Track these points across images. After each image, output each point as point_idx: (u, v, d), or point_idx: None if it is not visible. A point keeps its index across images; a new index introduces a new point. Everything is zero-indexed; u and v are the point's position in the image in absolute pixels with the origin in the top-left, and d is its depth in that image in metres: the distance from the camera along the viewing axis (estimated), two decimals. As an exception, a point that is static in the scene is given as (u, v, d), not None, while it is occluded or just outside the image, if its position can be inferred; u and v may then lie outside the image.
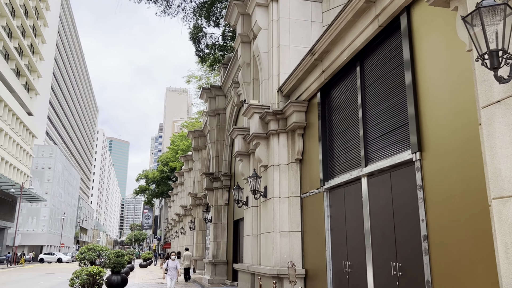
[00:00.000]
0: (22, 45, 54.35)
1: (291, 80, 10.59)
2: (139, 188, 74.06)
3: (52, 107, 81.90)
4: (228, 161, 20.73)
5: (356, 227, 7.77)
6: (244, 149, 13.53)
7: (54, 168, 71.51)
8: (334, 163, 9.06)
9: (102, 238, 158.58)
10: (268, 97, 11.76)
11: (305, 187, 10.31)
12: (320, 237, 9.24)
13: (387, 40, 7.22)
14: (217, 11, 25.45)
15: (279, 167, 10.91)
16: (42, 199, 60.74)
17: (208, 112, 22.05)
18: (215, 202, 20.86)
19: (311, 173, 9.98)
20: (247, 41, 14.45)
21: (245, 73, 14.36)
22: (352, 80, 8.43)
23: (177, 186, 45.84)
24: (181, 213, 38.33)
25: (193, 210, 29.03)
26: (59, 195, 77.13)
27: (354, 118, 8.27)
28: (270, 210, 10.84)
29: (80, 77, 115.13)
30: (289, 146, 10.91)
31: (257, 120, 11.43)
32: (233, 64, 18.87)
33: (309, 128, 10.34)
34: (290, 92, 11.07)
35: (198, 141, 28.74)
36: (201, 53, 25.73)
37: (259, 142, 11.41)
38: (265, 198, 11.30)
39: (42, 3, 62.58)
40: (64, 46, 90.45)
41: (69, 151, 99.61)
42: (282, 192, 10.73)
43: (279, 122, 11.07)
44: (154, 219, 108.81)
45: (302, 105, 10.40)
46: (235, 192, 13.54)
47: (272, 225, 10.63)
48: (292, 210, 10.49)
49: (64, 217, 79.19)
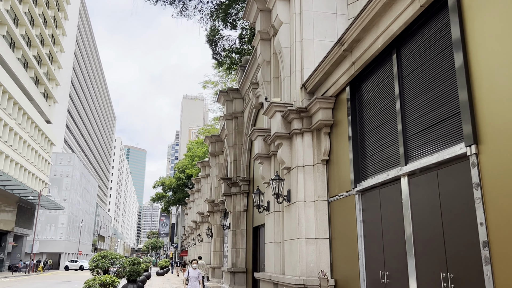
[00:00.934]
0: (41, 53, 54.90)
1: (316, 74, 9.85)
2: (156, 195, 74.00)
3: (70, 115, 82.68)
4: (246, 166, 20.02)
5: (395, 233, 6.94)
6: (264, 151, 12.81)
7: (72, 175, 71.90)
8: (366, 163, 8.26)
9: (119, 245, 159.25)
10: (290, 94, 11.03)
11: (333, 190, 9.52)
12: (351, 244, 8.42)
13: (430, 21, 6.43)
14: (234, 13, 24.93)
15: (304, 168, 10.14)
16: (60, 207, 60.94)
17: (225, 116, 21.43)
18: (233, 208, 20.15)
19: (340, 174, 9.18)
20: (267, 38, 13.79)
21: (265, 72, 13.68)
22: (387, 70, 7.64)
23: (194, 193, 45.31)
24: (198, 220, 37.73)
25: (210, 216, 28.36)
26: (77, 202, 77.50)
27: (390, 112, 7.47)
28: (294, 215, 10.06)
29: (98, 85, 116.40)
30: (315, 146, 10.14)
31: (279, 119, 10.71)
32: (251, 65, 18.22)
33: (337, 126, 9.56)
34: (315, 88, 10.32)
35: (215, 146, 28.15)
36: (218, 56, 25.19)
37: (282, 143, 10.67)
38: (288, 202, 10.53)
39: (61, 13, 63.30)
40: (82, 55, 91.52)
41: (87, 159, 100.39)
42: (308, 195, 9.95)
43: (303, 120, 10.32)
44: (171, 226, 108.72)
45: (329, 101, 9.64)
46: (256, 197, 12.80)
47: (297, 231, 9.84)
48: (319, 215, 9.70)
49: (82, 225, 79.50)
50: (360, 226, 8.16)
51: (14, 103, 47.05)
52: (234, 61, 25.81)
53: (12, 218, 50.62)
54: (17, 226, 52.20)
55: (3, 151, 43.92)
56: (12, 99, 46.19)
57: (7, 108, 45.17)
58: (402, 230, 6.72)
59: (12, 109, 46.45)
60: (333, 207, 9.46)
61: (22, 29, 48.12)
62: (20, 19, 47.45)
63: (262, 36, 13.72)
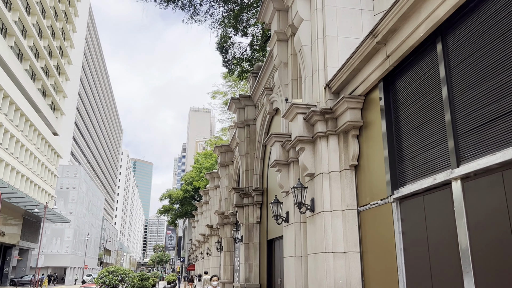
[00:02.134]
0: (48, 65, 54.79)
1: (343, 72, 9.04)
2: (163, 208, 73.14)
3: (77, 128, 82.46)
4: (259, 175, 19.16)
5: (447, 245, 6.02)
6: (282, 157, 11.96)
7: (78, 188, 71.30)
8: (405, 167, 7.38)
9: (125, 259, 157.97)
10: (313, 95, 10.22)
11: (364, 198, 8.62)
12: (388, 258, 7.50)
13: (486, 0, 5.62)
14: (245, 20, 24.34)
15: (330, 175, 9.27)
16: (66, 220, 60.23)
17: (237, 124, 20.66)
18: (246, 220, 19.23)
19: (372, 181, 8.30)
20: (284, 39, 13.05)
21: (282, 74, 12.90)
22: (431, 61, 6.81)
23: (202, 205, 44.37)
24: (206, 233, 36.74)
25: (220, 229, 27.40)
26: (83, 215, 76.76)
27: (436, 107, 6.62)
28: (319, 226, 9.16)
29: (105, 98, 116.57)
30: (341, 151, 9.28)
31: (301, 121, 9.88)
32: (264, 70, 17.49)
33: (367, 127, 8.71)
34: (341, 87, 9.50)
35: (225, 156, 27.34)
36: (228, 64, 24.54)
37: (304, 147, 9.83)
38: (312, 212, 9.64)
39: (69, 25, 63.44)
40: (89, 67, 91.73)
41: (93, 171, 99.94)
42: (335, 205, 9.06)
43: (328, 122, 9.48)
44: (177, 240, 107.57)
45: (358, 100, 8.80)
46: (274, 207, 11.91)
47: (323, 244, 8.93)
48: (348, 226, 8.79)
49: (88, 238, 78.63)
50: (399, 238, 7.25)
51: (21, 114, 46.71)
52: (245, 69, 25.14)
53: (18, 232, 49.91)
54: (22, 239, 51.46)
55: (9, 163, 43.39)
56: (19, 110, 45.86)
57: (14, 120, 44.80)
58: (455, 242, 5.81)
59: (18, 120, 46.08)
60: (364, 217, 8.56)
61: (30, 40, 48.02)
62: (28, 30, 47.37)
63: (279, 37, 12.99)
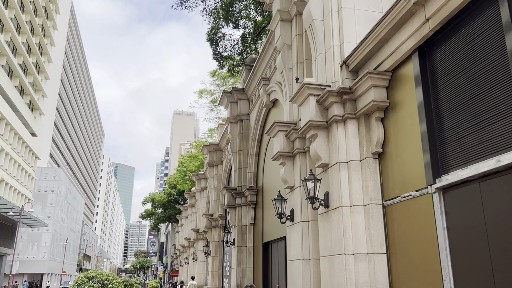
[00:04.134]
0: (27, 62, 52.47)
1: (365, 45, 7.81)
2: (145, 212, 71.02)
3: (57, 128, 79.66)
4: (253, 173, 17.82)
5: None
6: (287, 149, 10.68)
7: (57, 191, 68.59)
8: (450, 150, 6.16)
9: (106, 265, 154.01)
10: (326, 75, 8.96)
11: (391, 190, 7.38)
12: (427, 260, 6.25)
13: None
14: (236, 11, 23.07)
15: (348, 165, 8.01)
16: (44, 224, 57.65)
17: (229, 119, 19.30)
18: (239, 221, 17.85)
19: (403, 170, 7.07)
20: (287, 18, 11.82)
21: (286, 57, 11.65)
22: (488, 20, 5.62)
23: (187, 209, 42.67)
24: (192, 237, 35.14)
25: (208, 233, 25.93)
26: (62, 220, 73.96)
27: (498, 73, 5.42)
28: (336, 224, 7.88)
29: (87, 99, 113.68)
30: (362, 136, 8.03)
31: (314, 104, 8.60)
32: (261, 58, 16.23)
33: (394, 108, 7.49)
34: (361, 64, 8.26)
35: (214, 155, 25.94)
36: (218, 56, 23.19)
37: (316, 134, 8.55)
38: (326, 208, 8.36)
39: (49, 22, 61.16)
40: (71, 67, 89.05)
41: (73, 174, 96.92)
42: (355, 198, 7.79)
43: (346, 104, 8.23)
44: (160, 245, 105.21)
45: (384, 77, 7.58)
46: (277, 204, 10.59)
47: (341, 244, 7.65)
48: (372, 223, 7.52)
49: (66, 243, 75.76)
50: (443, 235, 6.00)
51: (-4, 112, 44.40)
52: (237, 62, 23.83)
53: (-9, 236, 47.32)
54: (-4, 244, 48.83)
55: (-18, 163, 41.03)
56: (-5, 108, 43.58)
57: (-11, 118, 42.51)
58: (533, 239, 4.59)
59: (-6, 119, 43.78)
60: (392, 212, 7.31)
61: (7, 35, 45.79)
62: (5, 24, 45.16)
63: (282, 16, 11.75)
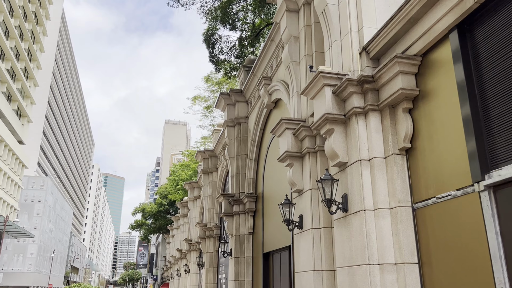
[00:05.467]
0: (15, 68, 51.17)
1: (391, 27, 6.92)
2: (135, 222, 69.40)
3: (46, 137, 77.91)
4: (253, 179, 16.81)
5: None
6: (295, 148, 9.72)
7: (44, 201, 66.69)
8: (500, 141, 5.23)
9: (94, 278, 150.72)
10: (342, 63, 8.05)
11: (423, 190, 6.43)
12: (474, 271, 5.28)
13: None
14: (234, 13, 22.25)
15: (371, 163, 7.06)
16: (30, 235, 55.86)
17: (226, 122, 18.32)
18: (236, 230, 16.78)
19: (438, 166, 6.13)
20: (294, 9, 10.95)
21: (293, 50, 10.75)
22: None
23: (179, 219, 41.35)
24: (184, 248, 33.83)
25: (201, 243, 24.72)
26: (50, 230, 71.89)
27: None
28: (358, 230, 6.90)
29: (77, 107, 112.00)
30: (387, 130, 7.10)
31: (330, 96, 7.67)
32: (262, 57, 15.33)
33: (425, 97, 6.58)
34: (384, 49, 7.37)
35: (208, 162, 24.88)
36: (215, 59, 22.30)
37: (333, 129, 7.61)
38: (344, 212, 7.38)
39: (39, 27, 60.02)
40: (61, 75, 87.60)
41: (62, 184, 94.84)
42: (380, 201, 6.83)
43: (367, 95, 7.31)
44: (149, 257, 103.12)
45: (413, 62, 6.67)
46: (284, 209, 9.58)
47: (364, 253, 6.66)
48: (401, 229, 6.55)
49: (53, 255, 73.59)
50: (496, 242, 5.04)
51: (-18, 118, 42.97)
52: (233, 65, 22.95)
53: (-26, 247, 45.46)
54: (-21, 256, 46.99)
55: (-34, 170, 39.48)
56: (-20, 114, 42.16)
57: (-26, 124, 41.06)
58: None
59: (-21, 125, 42.33)
60: (424, 215, 6.35)
61: (-5, 39, 44.63)
62: (-7, 28, 44.02)
63: (288, 6, 10.88)
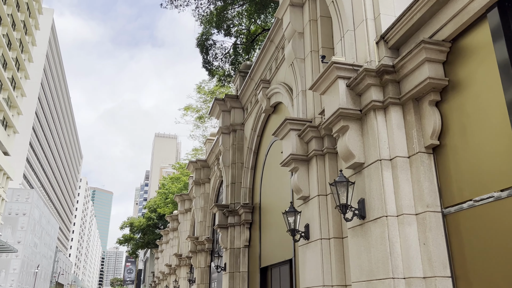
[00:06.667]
0: (1, 77, 49.96)
1: (414, 11, 6.18)
2: (123, 237, 67.60)
3: (32, 148, 76.11)
4: (249, 189, 15.91)
5: None
6: (300, 151, 8.89)
7: (29, 214, 64.74)
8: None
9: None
10: (356, 54, 7.30)
11: (456, 192, 5.62)
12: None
13: None
14: (229, 18, 21.61)
15: (393, 163, 6.25)
16: (13, 249, 53.84)
17: (221, 129, 17.47)
18: (231, 243, 15.79)
19: (474, 164, 5.34)
20: (299, 3, 10.26)
21: (297, 46, 10.01)
22: None
23: (168, 233, 40.06)
24: (173, 263, 32.56)
25: (192, 258, 23.60)
26: (34, 245, 69.69)
27: None
28: (378, 239, 6.05)
29: (65, 119, 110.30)
30: (410, 126, 6.31)
31: (344, 89, 6.89)
32: (260, 60, 14.59)
33: (456, 87, 5.82)
34: (405, 37, 6.62)
35: (201, 173, 23.93)
36: (208, 65, 21.56)
37: (347, 126, 6.80)
38: (361, 219, 6.53)
39: (28, 37, 59.00)
40: (49, 85, 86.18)
41: (48, 197, 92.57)
42: (404, 205, 6.00)
43: (387, 88, 6.54)
44: (137, 273, 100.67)
45: (442, 48, 5.93)
46: (289, 218, 8.69)
47: (387, 266, 5.80)
48: (430, 237, 5.70)
49: (37, 270, 71.24)
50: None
51: (-35, 128, 41.56)
52: (228, 72, 22.22)
53: (-47, 262, 43.55)
54: (-42, 271, 44.98)
55: None
56: (-37, 123, 40.76)
57: (-44, 133, 39.62)
58: None
59: (-38, 134, 40.89)
60: (458, 221, 5.52)
61: (-18, 47, 43.53)
62: (-20, 36, 42.95)
63: (292, 1, 10.18)
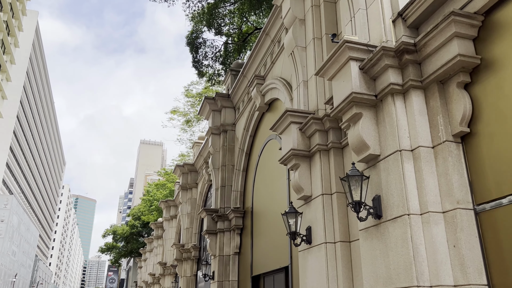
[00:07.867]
0: (-19, 78, 48.34)
1: (440, -19, 5.45)
2: (106, 245, 65.74)
3: (13, 153, 73.86)
4: (240, 192, 15.00)
5: None
6: (302, 146, 8.07)
7: (8, 221, 62.50)
8: None
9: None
10: (369, 34, 6.53)
11: (491, 187, 4.84)
12: None
13: None
14: (220, 16, 20.87)
15: (414, 154, 5.46)
16: (-11, 257, 51.71)
17: (211, 129, 16.58)
18: (220, 250, 14.82)
19: (517, 152, 4.57)
20: (300, -12, 9.52)
21: (298, 33, 9.23)
22: None
23: (152, 241, 38.76)
24: (157, 272, 31.28)
25: (178, 266, 22.49)
26: (12, 253, 67.27)
27: None
28: (399, 241, 5.22)
29: (48, 125, 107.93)
30: (435, 112, 5.53)
31: (357, 72, 6.10)
32: (253, 56, 13.80)
33: (490, 67, 5.07)
34: (427, 13, 5.86)
35: (188, 177, 22.93)
36: (198, 64, 20.73)
37: (361, 113, 6.00)
38: (377, 219, 5.71)
39: (11, 38, 57.43)
40: (32, 89, 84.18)
41: (28, 204, 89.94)
42: (429, 202, 5.19)
43: (407, 69, 5.77)
44: (119, 282, 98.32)
45: (473, 22, 5.19)
46: (289, 219, 7.83)
47: (410, 272, 4.97)
48: (462, 238, 4.90)
49: (15, 280, 68.69)
50: None
51: None
52: (218, 71, 21.41)
53: None
54: None
55: None
56: None
57: None
58: None
59: None
60: (495, 220, 4.73)
61: (-39, 46, 41.97)
62: (-41, 34, 41.42)
63: (292, -15, 9.43)
